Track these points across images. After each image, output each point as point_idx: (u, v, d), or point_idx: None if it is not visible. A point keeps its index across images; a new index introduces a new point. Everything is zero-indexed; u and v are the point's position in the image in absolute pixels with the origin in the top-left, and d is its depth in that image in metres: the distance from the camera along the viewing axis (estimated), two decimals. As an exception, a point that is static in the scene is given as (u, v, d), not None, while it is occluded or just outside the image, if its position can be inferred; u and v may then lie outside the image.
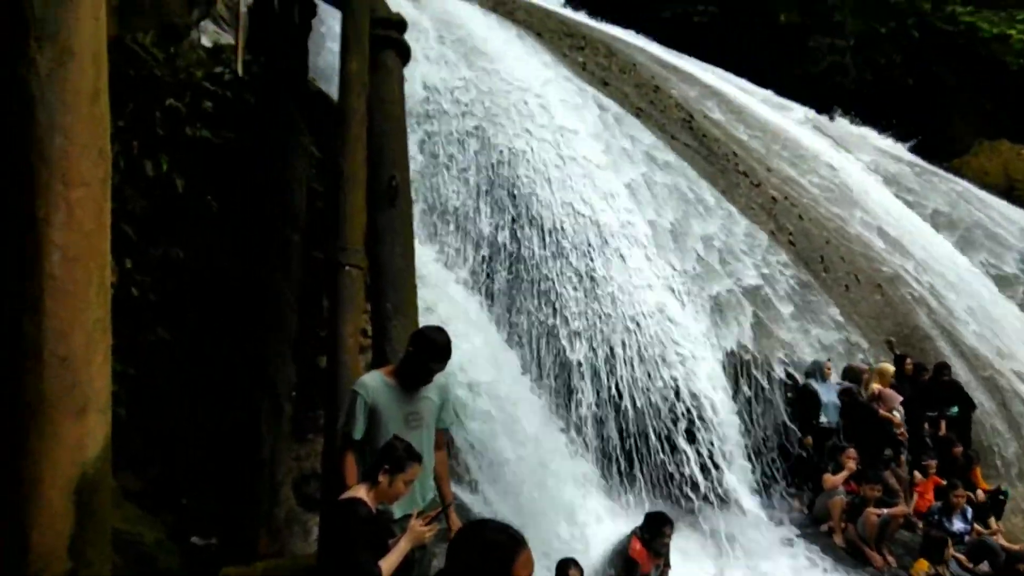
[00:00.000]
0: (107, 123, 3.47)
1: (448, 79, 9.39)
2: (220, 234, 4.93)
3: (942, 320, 10.29)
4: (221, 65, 4.96)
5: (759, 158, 11.77)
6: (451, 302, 7.02)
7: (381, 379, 3.68)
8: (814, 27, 19.55)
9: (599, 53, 12.89)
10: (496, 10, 12.96)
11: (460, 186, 8.31)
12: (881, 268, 10.39)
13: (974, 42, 19.51)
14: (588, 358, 7.15)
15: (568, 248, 7.71)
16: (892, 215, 12.24)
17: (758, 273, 8.56)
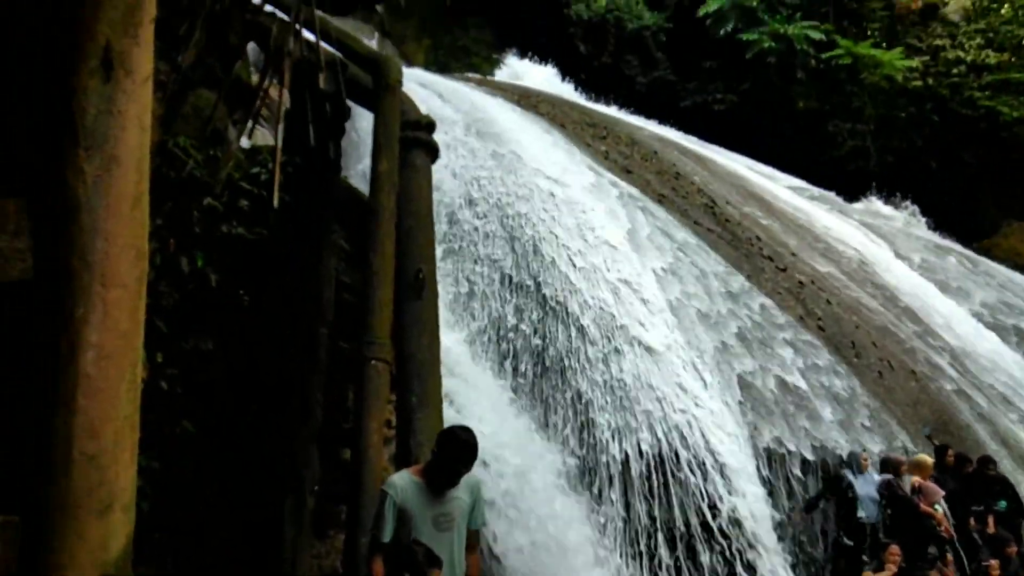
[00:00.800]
0: (147, 224, 3.60)
1: (474, 169, 9.69)
2: (250, 327, 5.02)
3: (981, 407, 9.96)
4: (258, 165, 5.19)
5: (783, 242, 11.79)
6: (477, 391, 7.00)
7: (410, 479, 3.64)
8: (833, 112, 19.96)
9: (621, 142, 13.23)
10: (520, 103, 13.47)
11: (488, 272, 8.43)
12: (914, 353, 10.17)
13: (996, 125, 19.69)
14: (614, 443, 7.01)
15: (595, 334, 7.70)
16: (921, 297, 12.07)
17: (790, 361, 8.43)
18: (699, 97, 20.61)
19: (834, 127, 19.91)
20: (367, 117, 5.67)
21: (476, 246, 8.73)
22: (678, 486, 6.80)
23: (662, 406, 7.26)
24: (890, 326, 10.63)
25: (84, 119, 3.40)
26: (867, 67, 19.32)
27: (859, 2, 20.78)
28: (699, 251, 9.66)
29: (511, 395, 7.22)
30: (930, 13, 20.99)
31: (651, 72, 21.11)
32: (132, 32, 3.46)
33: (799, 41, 19.14)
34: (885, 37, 20.36)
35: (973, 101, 19.46)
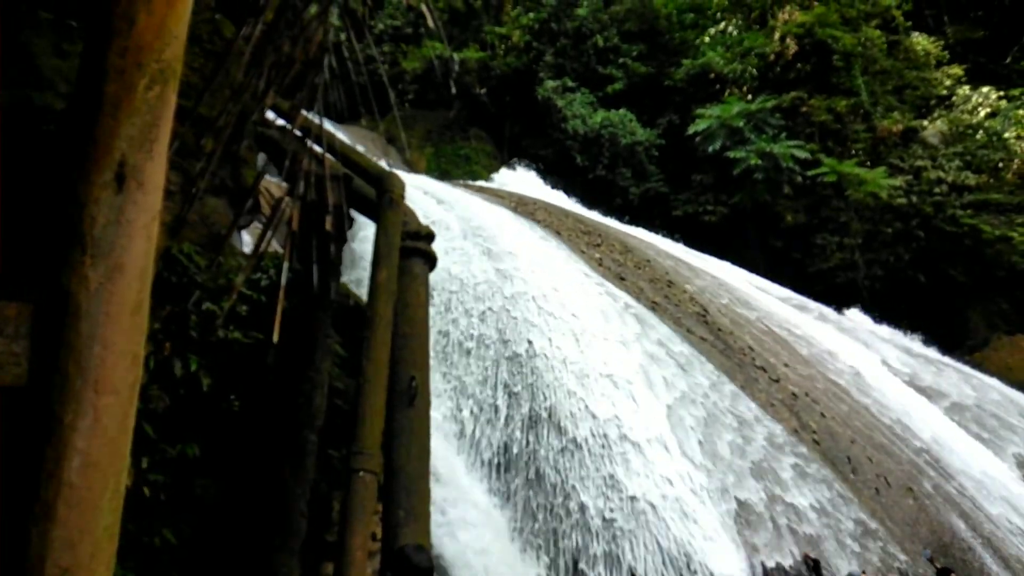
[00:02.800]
0: (145, 331, 3.63)
1: (470, 274, 9.85)
2: (240, 432, 4.96)
3: (981, 527, 9.71)
4: (260, 271, 5.29)
5: (775, 352, 11.85)
6: (466, 501, 6.83)
7: None
8: (821, 226, 20.59)
9: (615, 250, 13.54)
10: (517, 210, 13.87)
11: (478, 376, 8.41)
12: (911, 470, 10.02)
13: (979, 242, 20.28)
14: (607, 558, 6.78)
15: (591, 448, 7.60)
16: (916, 413, 12.01)
17: (785, 475, 8.29)
18: (690, 208, 21.30)
19: (822, 240, 20.48)
20: (368, 226, 5.85)
21: (469, 353, 8.76)
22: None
23: (658, 521, 7.08)
24: (885, 441, 10.53)
25: (93, 228, 3.49)
26: (852, 184, 20.10)
27: (842, 123, 21.86)
28: (691, 360, 9.69)
29: (502, 511, 7.03)
30: (910, 135, 22.04)
31: (643, 183, 21.90)
32: (147, 147, 3.61)
33: (785, 159, 19.98)
34: (868, 157, 21.30)
35: (956, 219, 20.14)
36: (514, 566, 6.49)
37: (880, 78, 22.84)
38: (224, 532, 4.95)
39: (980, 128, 21.86)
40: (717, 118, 20.72)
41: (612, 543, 6.86)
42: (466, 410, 7.80)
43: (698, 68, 22.64)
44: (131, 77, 3.54)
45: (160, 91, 3.64)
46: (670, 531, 6.98)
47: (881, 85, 22.68)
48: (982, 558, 9.05)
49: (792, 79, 22.55)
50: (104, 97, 3.48)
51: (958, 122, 21.91)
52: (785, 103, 21.46)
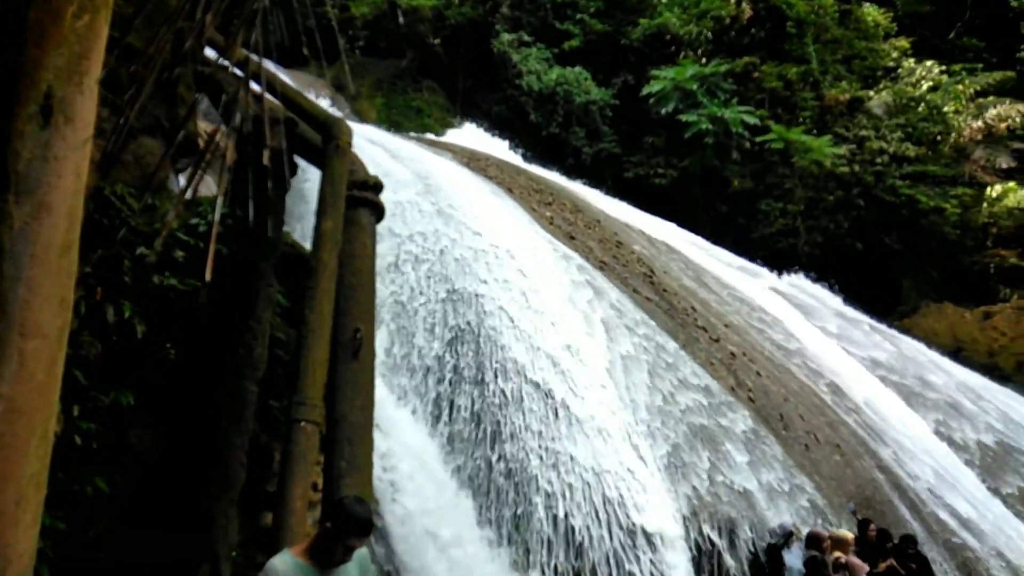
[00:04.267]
0: (74, 274, 3.48)
1: (422, 229, 9.74)
2: (176, 382, 4.84)
3: (901, 481, 10.29)
4: (197, 216, 5.11)
5: (717, 313, 12.16)
6: (410, 454, 6.87)
7: (293, 561, 3.41)
8: (766, 192, 21.01)
9: (566, 209, 13.56)
10: (469, 165, 13.72)
11: (425, 329, 8.39)
12: (839, 427, 10.50)
13: (915, 212, 21.03)
14: (548, 509, 6.93)
15: (531, 398, 7.70)
16: (845, 373, 12.54)
17: (719, 431, 8.58)
18: (641, 170, 21.43)
19: (766, 206, 20.92)
20: (314, 173, 5.70)
21: (416, 305, 8.72)
22: (610, 557, 6.75)
23: (596, 473, 7.26)
24: (816, 400, 10.98)
25: (17, 164, 3.31)
26: (798, 152, 20.49)
27: (791, 91, 22.18)
28: (637, 319, 9.85)
29: (448, 466, 7.10)
30: (856, 105, 22.53)
31: (596, 144, 21.89)
32: (76, 80, 3.41)
33: (735, 124, 20.21)
34: (815, 125, 21.71)
35: (895, 189, 20.80)
36: (456, 517, 6.58)
37: (831, 47, 23.18)
38: (161, 482, 4.87)
39: (922, 101, 22.48)
40: (671, 80, 20.75)
41: (551, 495, 7.01)
42: (414, 360, 7.79)
43: (654, 28, 22.55)
44: (58, 4, 3.32)
45: (90, 20, 3.42)
46: (607, 483, 7.17)
47: (831, 54, 23.04)
48: (899, 510, 9.61)
49: (746, 44, 22.69)
50: (29, 24, 3.26)
51: (902, 94, 22.47)
52: (738, 68, 21.61)
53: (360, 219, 5.23)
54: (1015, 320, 19.21)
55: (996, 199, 22.03)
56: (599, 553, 6.80)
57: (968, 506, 10.81)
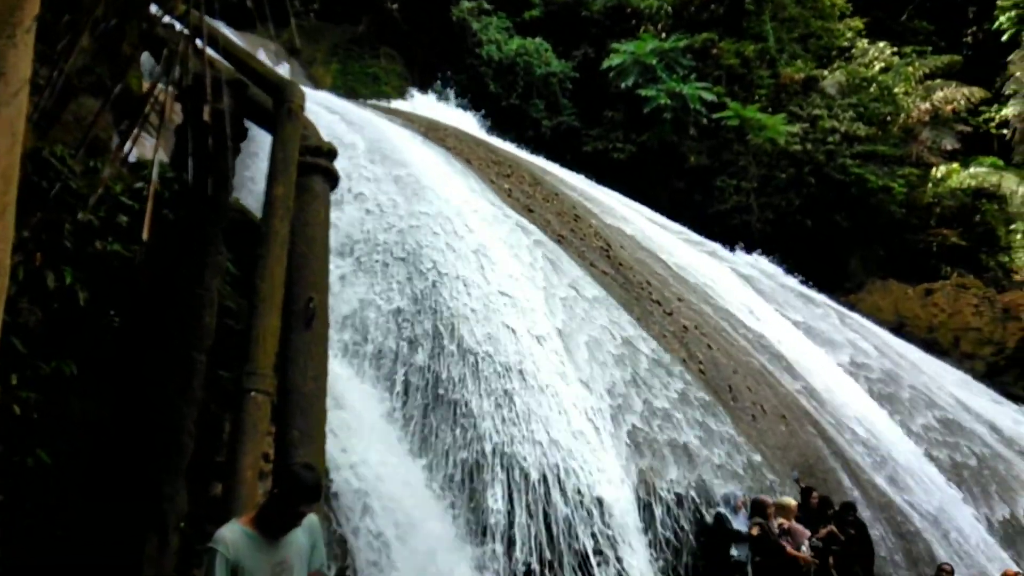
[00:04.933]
0: (10, 237, 3.34)
1: (378, 197, 9.60)
2: (121, 351, 4.71)
3: (842, 451, 10.69)
4: (142, 180, 4.92)
5: (671, 288, 12.34)
6: (363, 423, 6.84)
7: (241, 531, 3.38)
8: (721, 169, 21.26)
9: (524, 181, 13.52)
10: (428, 135, 13.53)
11: (383, 303, 8.32)
12: (785, 399, 10.82)
13: (864, 192, 21.56)
14: (503, 483, 7.01)
15: (488, 371, 7.73)
16: (792, 347, 12.90)
17: (671, 403, 8.76)
18: (600, 144, 21.44)
19: (722, 183, 21.18)
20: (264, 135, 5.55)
21: (375, 274, 8.62)
22: (562, 524, 6.87)
23: (550, 444, 7.35)
24: (764, 372, 11.28)
25: (-54, 121, 3.14)
26: (753, 129, 20.75)
27: (748, 68, 22.39)
28: (593, 292, 9.94)
29: (400, 432, 7.10)
30: (811, 84, 22.88)
31: (556, 116, 21.79)
32: (8, 32, 3.24)
33: (693, 100, 20.33)
34: (770, 103, 21.99)
35: (845, 168, 21.27)
36: (409, 479, 6.61)
37: (787, 25, 23.41)
38: (107, 453, 4.76)
39: (874, 81, 22.93)
40: (631, 54, 20.72)
41: (505, 464, 7.08)
42: (369, 326, 7.72)
43: (615, 0, 22.43)
44: (-14, -51, 3.14)
45: (20, -33, 3.25)
46: (561, 452, 7.28)
47: (788, 32, 23.28)
48: (840, 478, 10.00)
49: (705, 20, 22.75)
50: (-47, -31, 3.08)
51: (855, 74, 22.88)
52: (697, 44, 21.68)
53: (313, 186, 5.12)
54: (954, 297, 19.98)
55: (940, 180, 22.71)
56: (551, 520, 6.91)
57: (905, 474, 11.30)
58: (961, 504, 11.59)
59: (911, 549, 9.94)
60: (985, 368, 18.51)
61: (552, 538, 6.85)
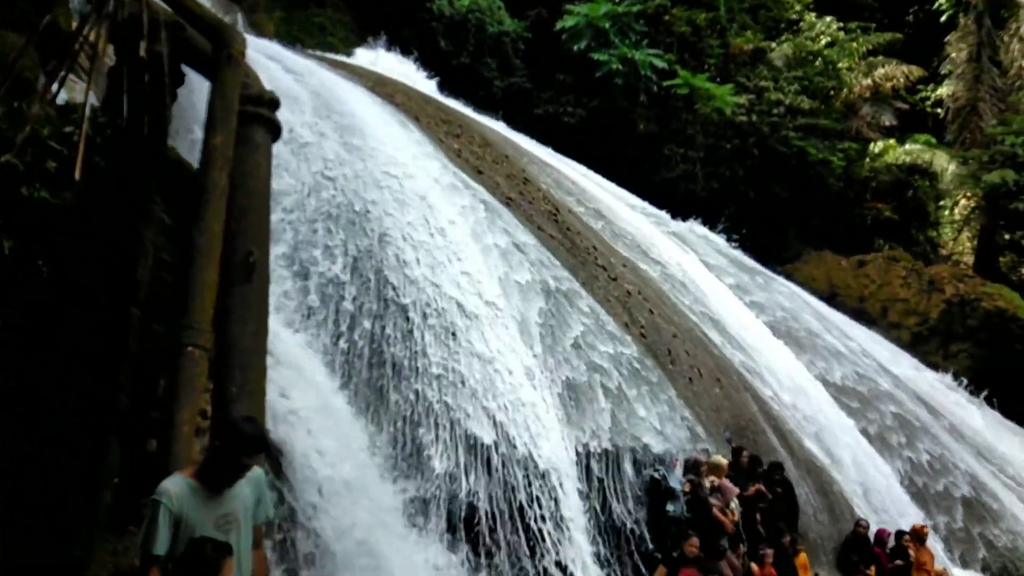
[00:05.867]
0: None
1: (322, 153, 9.36)
2: (50, 302, 4.52)
3: (772, 413, 11.15)
4: (73, 124, 4.67)
5: (616, 253, 12.50)
6: (304, 380, 6.78)
7: (185, 483, 3.37)
8: (669, 137, 21.45)
9: (474, 142, 13.37)
10: (375, 89, 13.21)
11: (325, 261, 8.18)
12: (720, 362, 11.18)
13: (804, 164, 22.13)
14: (444, 441, 7.07)
15: (432, 331, 7.72)
16: (728, 312, 13.29)
17: (612, 365, 8.94)
18: (551, 107, 21.32)
19: (669, 151, 21.40)
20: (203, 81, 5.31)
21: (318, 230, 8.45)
22: (501, 479, 6.99)
23: (494, 403, 7.43)
24: (702, 337, 11.61)
25: None
26: (701, 98, 20.96)
27: (699, 37, 22.49)
28: (539, 255, 9.99)
29: (343, 391, 7.06)
30: (759, 56, 23.18)
31: (508, 77, 21.53)
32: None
33: (644, 67, 20.36)
34: (719, 73, 22.20)
35: (788, 140, 21.76)
36: (351, 436, 6.61)
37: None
38: (37, 407, 4.60)
39: (819, 56, 23.36)
40: (585, 16, 20.55)
41: (446, 425, 7.13)
42: (311, 286, 7.60)
43: (570, -40, 22.13)
44: None
45: None
46: (503, 413, 7.37)
47: (739, 2, 23.43)
48: (770, 439, 10.44)
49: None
50: None
51: (802, 47, 23.26)
52: (650, 9, 21.63)
53: (254, 136, 4.96)
54: (884, 269, 20.85)
55: (878, 155, 23.48)
56: (490, 477, 7.01)
57: (829, 436, 11.88)
58: (880, 463, 12.27)
59: (833, 506, 10.52)
60: (910, 337, 19.49)
61: (491, 496, 6.96)
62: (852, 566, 9.77)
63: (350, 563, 5.67)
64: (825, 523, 10.22)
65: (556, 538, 7.01)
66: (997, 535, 12.32)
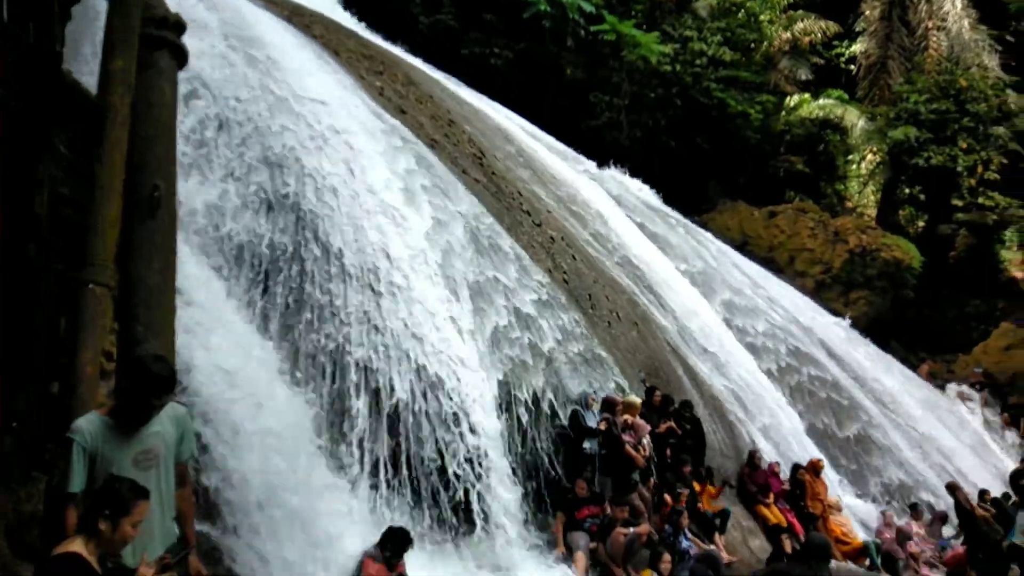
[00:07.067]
0: None
1: (234, 86, 8.87)
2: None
3: (685, 357, 11.64)
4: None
5: (541, 199, 12.55)
6: (221, 323, 6.57)
7: (99, 420, 3.29)
8: (596, 84, 21.43)
9: (398, 80, 12.98)
10: (292, 20, 12.55)
11: (239, 200, 7.85)
12: (637, 307, 11.52)
13: (724, 116, 22.59)
14: (365, 383, 7.03)
15: (354, 271, 7.59)
16: (647, 259, 13.65)
17: (534, 308, 9.06)
18: (478, 49, 20.87)
19: (595, 98, 21.40)
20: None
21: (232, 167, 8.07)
22: (424, 423, 7.06)
23: (415, 347, 7.43)
24: (621, 282, 11.90)
25: None
26: (628, 45, 20.95)
27: (627, -18, 22.36)
28: (464, 199, 9.91)
29: (258, 332, 6.89)
30: (684, 5, 23.28)
31: (434, 14, 20.87)
32: None
33: (572, 10, 20.11)
34: (645, 20, 22.19)
35: (709, 91, 22.10)
36: (269, 378, 6.50)
37: (667, -60, 23.43)
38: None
39: (743, 7, 23.65)
40: (513, -45, 20.05)
41: (369, 369, 7.10)
42: (226, 221, 7.30)
43: None
44: None
45: None
46: (426, 357, 7.39)
47: (667, -51, 23.31)
48: (682, 379, 10.91)
49: (588, -74, 22.27)
50: None
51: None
52: (578, -49, 21.29)
53: (158, 62, 4.65)
54: (793, 220, 21.77)
55: (793, 109, 24.18)
56: (413, 425, 7.06)
57: (737, 376, 12.51)
58: (783, 403, 13.06)
59: (736, 442, 11.16)
60: (814, 285, 20.56)
61: (411, 438, 7.01)
62: (751, 496, 10.47)
63: (267, 509, 5.63)
64: (731, 458, 10.86)
65: (477, 481, 7.15)
66: (884, 466, 13.42)
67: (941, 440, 15.54)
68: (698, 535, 8.93)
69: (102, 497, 2.93)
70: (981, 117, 22.47)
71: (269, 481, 5.72)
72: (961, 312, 23.17)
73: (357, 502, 6.55)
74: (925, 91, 23.04)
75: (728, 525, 9.54)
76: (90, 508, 2.94)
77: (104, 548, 2.91)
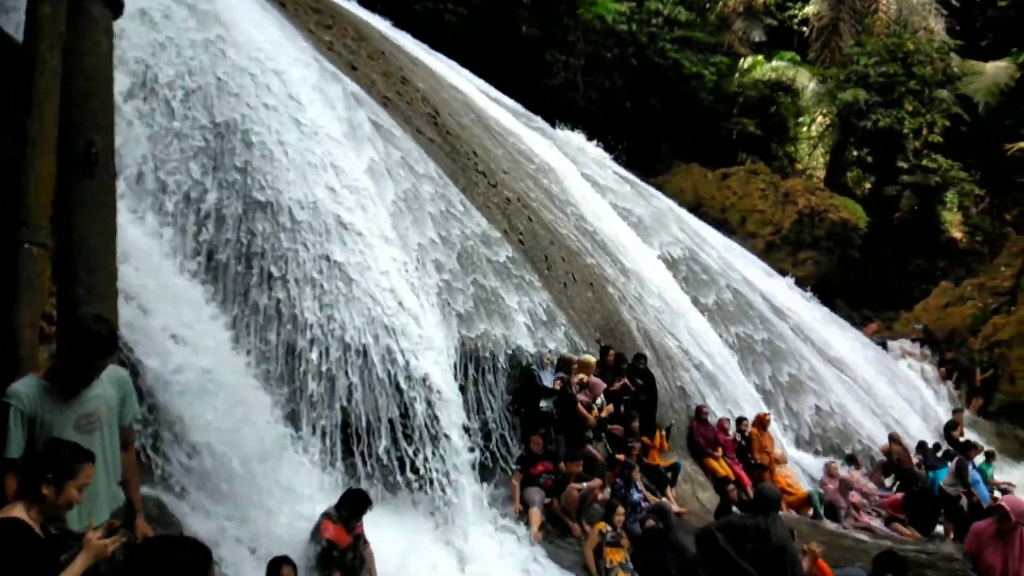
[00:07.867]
0: None
1: (173, 37, 8.49)
2: None
3: (639, 315, 11.81)
4: None
5: (496, 160, 12.44)
6: (163, 284, 6.39)
7: (37, 384, 3.20)
8: (552, 43, 21.18)
9: (348, 35, 12.59)
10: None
11: (182, 157, 7.57)
12: (593, 269, 11.61)
13: (679, 77, 22.59)
14: (318, 342, 6.94)
15: (303, 229, 7.43)
16: (602, 220, 13.73)
17: (492, 270, 9.05)
18: (431, 4, 20.37)
19: (551, 57, 21.16)
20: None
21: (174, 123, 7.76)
22: (377, 381, 7.03)
23: (370, 306, 7.35)
24: (577, 244, 11.96)
25: None
26: (584, 3, 20.69)
27: (584, -64, 21.97)
28: (417, 157, 9.76)
29: (205, 291, 6.73)
30: (640, -37, 23.00)
31: (385, -33, 20.23)
32: None
33: (527, -36, 19.75)
34: (602, -23, 21.90)
35: (664, 52, 22.05)
36: (219, 344, 6.38)
37: None
38: None
39: (699, -33, 23.49)
40: (466, -94, 19.49)
41: (322, 333, 7.01)
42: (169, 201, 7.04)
43: None
44: None
45: None
46: (381, 318, 7.33)
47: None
48: (636, 338, 11.09)
49: None
50: None
51: (681, -45, 23.27)
52: (534, -97, 20.82)
53: (91, 10, 4.40)
54: (745, 182, 22.09)
55: (746, 70, 24.32)
56: (366, 387, 7.02)
57: (689, 335, 12.77)
58: (732, 361, 13.41)
59: (686, 399, 11.45)
60: (764, 246, 21.00)
61: (365, 399, 6.98)
62: (700, 450, 10.79)
63: (219, 471, 5.56)
64: (681, 412, 11.15)
65: (433, 440, 7.18)
66: (828, 418, 13.95)
67: (882, 392, 16.21)
68: (650, 488, 9.19)
69: (44, 461, 2.85)
70: (926, 80, 22.96)
71: (221, 441, 5.65)
72: (904, 271, 23.99)
73: (312, 462, 6.53)
74: (874, 54, 23.39)
75: (679, 478, 9.83)
76: (31, 473, 2.86)
77: (48, 513, 2.84)
